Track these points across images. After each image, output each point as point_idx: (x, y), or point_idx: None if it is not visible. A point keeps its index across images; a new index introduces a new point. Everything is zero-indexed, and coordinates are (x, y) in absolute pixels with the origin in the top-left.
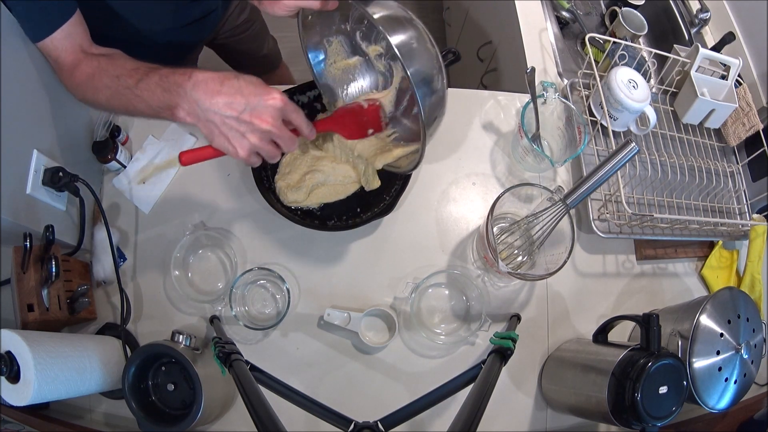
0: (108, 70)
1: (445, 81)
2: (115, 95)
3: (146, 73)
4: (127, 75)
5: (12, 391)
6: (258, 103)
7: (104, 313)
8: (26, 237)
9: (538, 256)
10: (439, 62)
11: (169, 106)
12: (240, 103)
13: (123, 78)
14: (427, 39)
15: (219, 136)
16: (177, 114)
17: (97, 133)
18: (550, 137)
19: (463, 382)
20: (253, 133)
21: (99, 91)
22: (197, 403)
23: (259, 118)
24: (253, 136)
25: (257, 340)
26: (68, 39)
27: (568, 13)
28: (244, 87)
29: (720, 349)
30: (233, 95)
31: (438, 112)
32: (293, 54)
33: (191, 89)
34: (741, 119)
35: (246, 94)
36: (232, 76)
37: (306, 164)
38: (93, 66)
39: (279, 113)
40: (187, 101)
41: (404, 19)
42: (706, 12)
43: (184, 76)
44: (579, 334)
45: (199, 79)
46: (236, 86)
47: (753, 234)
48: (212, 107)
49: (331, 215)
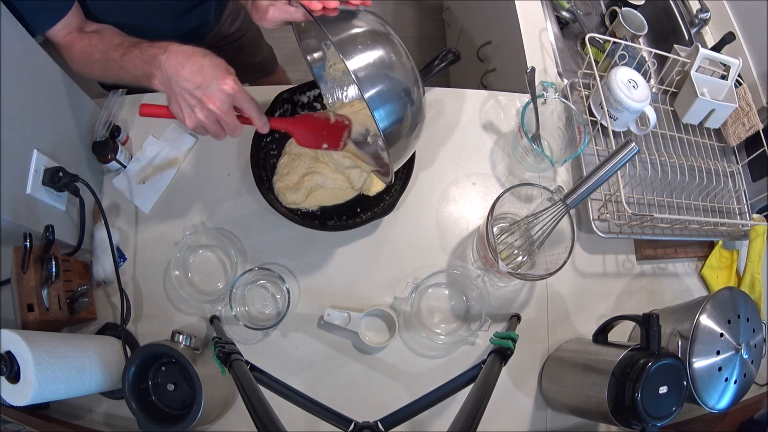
0: (98, 46)
1: (421, 91)
2: (106, 68)
3: (130, 47)
4: (113, 49)
5: (12, 391)
6: (211, 84)
7: (104, 313)
8: (26, 237)
9: (538, 256)
10: (415, 74)
11: (147, 74)
12: (197, 80)
13: (110, 52)
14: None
15: (174, 102)
16: (153, 82)
17: (97, 133)
18: (550, 137)
19: (463, 382)
20: (201, 110)
21: (92, 64)
22: (197, 403)
23: (209, 98)
24: (200, 112)
25: (257, 340)
26: (65, 28)
27: (568, 13)
28: (205, 67)
29: (720, 349)
30: (194, 72)
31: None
32: (292, 55)
33: (164, 60)
34: (741, 119)
35: (205, 74)
36: (200, 54)
37: (304, 165)
38: (85, 43)
39: (228, 99)
40: (160, 71)
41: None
42: (706, 12)
43: (160, 48)
44: (579, 334)
45: (171, 51)
46: (199, 64)
47: (753, 234)
48: (176, 78)
49: (331, 215)
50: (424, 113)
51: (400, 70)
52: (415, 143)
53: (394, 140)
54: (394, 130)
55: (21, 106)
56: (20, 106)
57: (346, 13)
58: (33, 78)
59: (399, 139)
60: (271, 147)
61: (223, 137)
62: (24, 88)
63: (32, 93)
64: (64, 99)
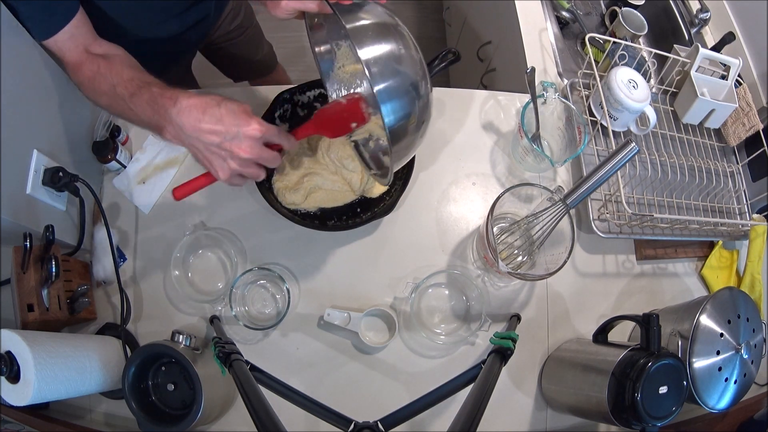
0: (106, 77)
1: (429, 86)
2: (113, 103)
3: (139, 88)
4: (121, 85)
5: (12, 391)
6: (237, 133)
7: (104, 313)
8: (26, 237)
9: (538, 256)
10: (423, 68)
11: (158, 125)
12: (220, 133)
13: (118, 88)
14: (412, 45)
15: (203, 159)
16: (164, 135)
17: (97, 133)
18: (550, 137)
19: (463, 382)
20: (233, 160)
21: (99, 95)
22: (197, 403)
23: (239, 147)
24: (233, 162)
25: (257, 340)
26: (72, 39)
27: (568, 13)
28: (224, 116)
29: (720, 349)
30: (214, 124)
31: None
32: (291, 55)
33: (176, 115)
34: (741, 119)
35: (226, 123)
36: (214, 104)
37: (303, 166)
38: (93, 69)
39: (258, 142)
40: (172, 126)
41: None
42: (706, 12)
43: (170, 100)
44: (579, 334)
45: (183, 106)
46: (217, 115)
47: (753, 234)
48: (194, 134)
49: (331, 215)
50: (430, 111)
51: (412, 63)
52: (420, 142)
53: (399, 137)
54: (401, 126)
55: (21, 106)
56: (20, 106)
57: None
58: (33, 78)
59: (405, 136)
60: None
61: (264, 175)
62: (24, 88)
63: (32, 93)
64: (64, 99)
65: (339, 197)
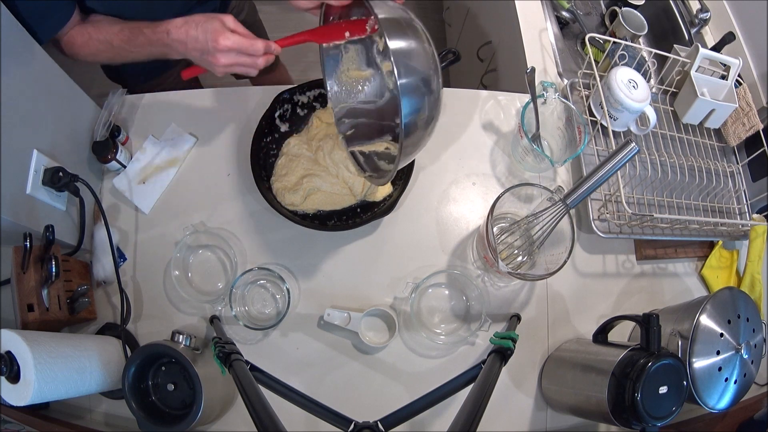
0: (98, 38)
1: (440, 81)
2: (115, 54)
3: (132, 34)
4: (116, 38)
5: (12, 391)
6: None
7: (104, 313)
8: (26, 237)
9: (538, 256)
10: (435, 63)
11: (162, 53)
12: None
13: (114, 41)
14: (425, 40)
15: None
16: (170, 55)
17: (97, 133)
18: (550, 137)
19: (463, 382)
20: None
21: (98, 54)
22: (197, 403)
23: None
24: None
25: (257, 340)
26: (66, 28)
27: (568, 13)
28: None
29: (720, 349)
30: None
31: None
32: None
33: (172, 42)
34: (741, 119)
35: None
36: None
37: (303, 167)
38: (84, 37)
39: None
40: (171, 49)
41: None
42: (706, 12)
43: (163, 33)
44: (579, 334)
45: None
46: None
47: (753, 234)
48: (185, 51)
49: (331, 215)
50: (440, 108)
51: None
52: (428, 140)
53: (415, 130)
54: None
55: (21, 106)
56: (20, 106)
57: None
58: (33, 78)
59: (418, 129)
60: (271, 147)
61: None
62: (24, 88)
63: (32, 93)
64: (64, 99)
65: (338, 200)
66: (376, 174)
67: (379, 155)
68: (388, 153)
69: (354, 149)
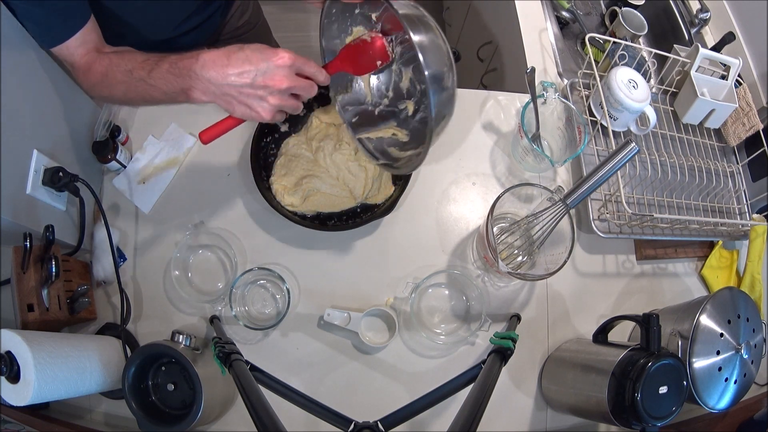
0: (120, 66)
1: (455, 78)
2: (131, 88)
3: (156, 63)
4: (138, 68)
5: (12, 391)
6: (268, 66)
7: (104, 313)
8: (26, 237)
9: (538, 256)
10: (450, 60)
11: (183, 89)
12: (251, 71)
13: (135, 71)
14: (439, 35)
15: (239, 105)
16: (192, 95)
17: (97, 133)
18: (550, 137)
19: (463, 382)
20: (272, 96)
21: (114, 87)
22: (197, 403)
23: (273, 79)
24: (272, 98)
25: (257, 340)
26: (83, 46)
27: (568, 13)
28: (250, 55)
29: (720, 349)
30: (242, 65)
31: (447, 111)
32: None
33: (200, 70)
34: (741, 119)
35: (254, 61)
36: (236, 49)
37: (302, 168)
38: (105, 64)
39: (290, 70)
40: (200, 82)
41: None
42: (706, 12)
43: (192, 59)
44: (579, 334)
45: (207, 59)
46: (243, 57)
47: (753, 234)
48: (225, 81)
49: (331, 215)
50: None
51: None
52: (436, 139)
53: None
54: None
55: (21, 106)
56: (20, 106)
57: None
58: (33, 78)
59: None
60: (271, 147)
61: (301, 106)
62: (24, 88)
63: (32, 93)
64: (64, 99)
65: (337, 203)
66: (388, 161)
67: (388, 142)
68: (396, 139)
69: (361, 136)
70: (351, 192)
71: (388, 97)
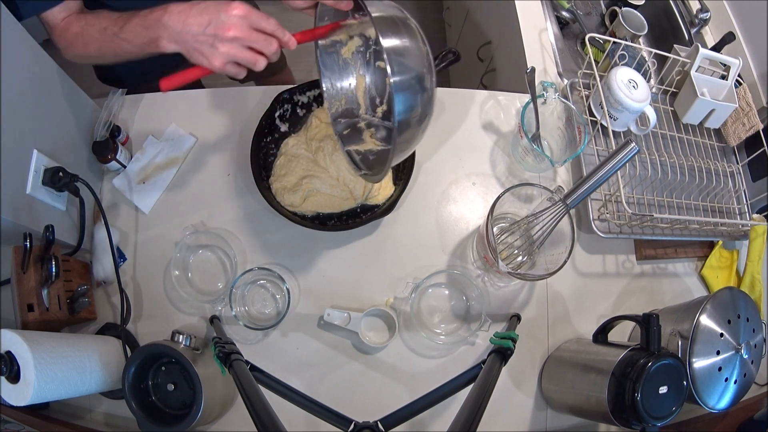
0: (94, 24)
1: (434, 80)
2: (104, 44)
3: (128, 18)
4: (112, 24)
5: (12, 391)
6: (220, 15)
7: (104, 313)
8: (26, 237)
9: (538, 256)
10: (429, 61)
11: (153, 39)
12: (205, 19)
13: (109, 28)
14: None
15: (194, 52)
16: (160, 44)
17: (97, 133)
18: (550, 137)
19: (463, 382)
20: (222, 43)
21: (88, 44)
22: (197, 403)
23: (223, 28)
24: (222, 46)
25: (257, 340)
26: (65, 10)
27: (568, 13)
28: (209, 5)
29: (720, 349)
30: (199, 15)
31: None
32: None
33: (167, 20)
34: (741, 119)
35: (210, 11)
36: (200, 0)
37: (302, 168)
38: (81, 24)
39: (242, 21)
40: (166, 31)
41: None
42: (706, 12)
43: (161, 10)
44: (579, 334)
45: (173, 10)
46: (201, 7)
47: (753, 234)
48: (183, 29)
49: (331, 215)
50: (433, 107)
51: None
52: (421, 137)
53: (405, 129)
54: (408, 118)
55: (21, 106)
56: (20, 106)
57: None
58: (33, 78)
59: (409, 128)
60: (271, 147)
61: (263, 63)
62: (24, 88)
63: (32, 93)
64: (64, 99)
65: (337, 203)
66: (370, 172)
67: (375, 153)
68: (384, 150)
69: (350, 148)
70: (351, 192)
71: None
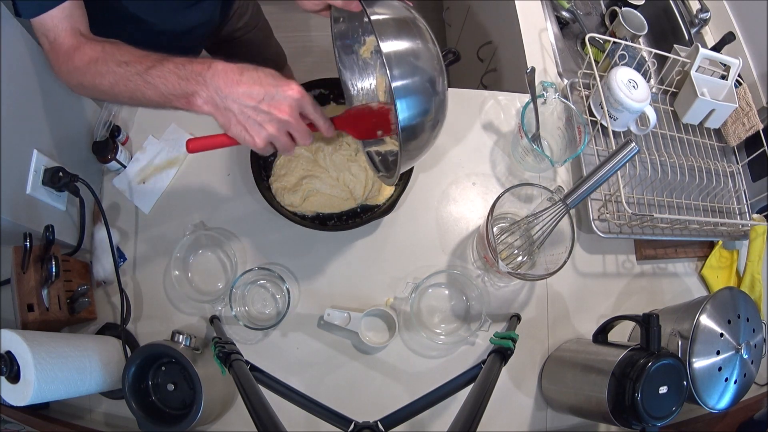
0: (115, 55)
1: (445, 83)
2: (121, 81)
3: (159, 61)
4: (136, 61)
5: (12, 391)
6: (276, 93)
7: (104, 313)
8: (26, 237)
9: (538, 256)
10: (440, 63)
11: (186, 93)
12: (259, 93)
13: (132, 64)
14: (429, 39)
15: (236, 124)
16: (194, 102)
17: (97, 133)
18: (550, 137)
19: (463, 382)
20: (271, 123)
21: (103, 76)
22: (197, 403)
23: (278, 108)
24: (271, 126)
25: (257, 340)
26: (68, 20)
27: (568, 13)
28: (263, 78)
29: (720, 349)
30: (252, 85)
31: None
32: (294, 55)
33: (211, 78)
34: (741, 119)
35: (265, 84)
36: (251, 68)
37: (302, 168)
38: (97, 50)
39: (297, 104)
40: (206, 89)
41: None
42: (706, 12)
43: (203, 65)
44: (579, 334)
45: (219, 69)
46: (255, 77)
47: (753, 234)
48: (231, 95)
49: (331, 215)
50: (446, 110)
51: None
52: (434, 142)
53: (415, 134)
54: (418, 124)
55: (21, 106)
56: (20, 106)
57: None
58: (33, 78)
59: (421, 133)
60: None
61: (293, 151)
62: (24, 88)
63: (32, 93)
64: (64, 99)
65: (337, 204)
66: (388, 174)
67: (395, 155)
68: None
69: (371, 150)
70: (351, 193)
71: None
